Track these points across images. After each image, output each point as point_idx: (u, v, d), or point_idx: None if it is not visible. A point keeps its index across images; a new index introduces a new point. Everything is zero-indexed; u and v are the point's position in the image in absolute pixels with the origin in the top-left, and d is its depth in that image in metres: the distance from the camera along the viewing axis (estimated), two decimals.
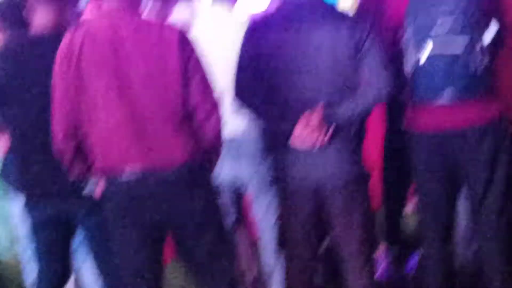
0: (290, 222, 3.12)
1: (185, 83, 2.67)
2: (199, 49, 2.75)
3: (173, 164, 2.69)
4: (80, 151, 2.74)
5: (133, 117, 2.65)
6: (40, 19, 3.00)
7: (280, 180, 3.12)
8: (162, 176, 2.68)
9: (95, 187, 2.83)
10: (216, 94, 2.75)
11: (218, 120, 2.75)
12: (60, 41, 2.71)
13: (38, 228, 3.14)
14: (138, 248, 2.77)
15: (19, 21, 3.14)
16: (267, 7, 3.71)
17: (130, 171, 2.68)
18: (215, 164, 2.89)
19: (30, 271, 3.64)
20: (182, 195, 2.72)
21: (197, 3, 3.51)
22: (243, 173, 3.41)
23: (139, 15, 2.78)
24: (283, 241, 3.25)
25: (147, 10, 2.99)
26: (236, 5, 3.49)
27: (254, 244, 3.77)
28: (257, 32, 3.04)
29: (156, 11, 3.54)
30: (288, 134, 2.97)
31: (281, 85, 3.00)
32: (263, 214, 3.54)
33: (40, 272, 3.25)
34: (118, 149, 2.67)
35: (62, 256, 3.22)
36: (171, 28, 2.72)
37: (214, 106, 2.73)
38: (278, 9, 3.13)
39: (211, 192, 2.88)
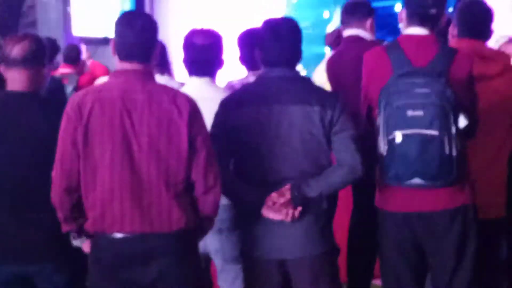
0: None
1: (191, 157, 2.71)
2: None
3: (168, 230, 2.71)
4: (76, 207, 2.74)
5: (133, 181, 2.68)
6: (17, 78, 3.00)
7: (247, 251, 3.11)
8: (154, 241, 2.71)
9: (84, 242, 2.84)
10: (217, 170, 2.79)
11: (217, 196, 2.79)
12: (35, 98, 2.82)
13: None
14: None
15: None
16: (243, 81, 3.76)
17: (123, 232, 2.70)
18: (205, 234, 2.94)
19: None
20: (172, 261, 2.74)
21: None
22: (210, 245, 3.38)
23: (153, 80, 2.81)
24: None
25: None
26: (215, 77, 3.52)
27: None
28: (231, 105, 3.07)
29: None
30: (257, 208, 2.98)
31: (252, 161, 3.03)
32: (230, 285, 3.48)
33: None
34: (115, 210, 2.69)
35: None
36: (184, 98, 2.76)
37: (215, 182, 2.77)
38: (254, 84, 3.18)
39: (198, 262, 2.92)
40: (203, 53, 3.40)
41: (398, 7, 10.86)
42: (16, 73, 2.99)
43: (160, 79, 3.01)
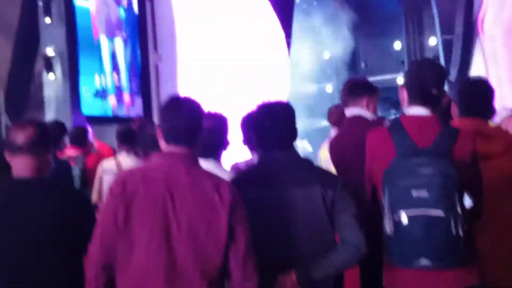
0: None
1: (229, 245, 2.71)
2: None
3: None
4: (110, 284, 2.72)
5: (169, 264, 2.67)
6: (21, 165, 3.02)
7: None
8: None
9: None
10: (255, 260, 2.78)
11: (255, 285, 2.76)
12: (40, 185, 2.82)
13: None
14: None
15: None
16: (248, 162, 3.78)
17: None
18: None
19: None
20: None
21: None
22: None
23: (197, 164, 2.84)
24: None
25: None
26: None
27: None
28: (239, 185, 3.04)
29: None
30: None
31: (257, 243, 2.97)
32: None
33: None
34: None
35: None
36: (228, 186, 2.78)
37: (252, 273, 2.76)
38: (257, 165, 3.21)
39: None
40: (208, 135, 3.44)
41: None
42: (21, 160, 3.01)
43: (204, 164, 3.09)
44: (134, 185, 2.71)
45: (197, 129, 2.85)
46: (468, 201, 3.03)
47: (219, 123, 3.52)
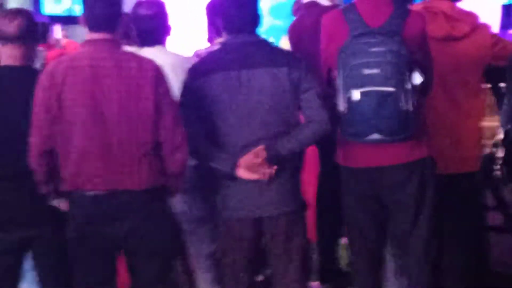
0: (231, 250, 3.23)
1: (157, 118, 2.88)
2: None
3: (137, 188, 2.89)
4: (52, 170, 2.91)
5: (104, 142, 2.86)
6: (12, 54, 3.11)
7: (222, 211, 3.23)
8: (125, 198, 2.88)
9: (61, 202, 2.99)
10: (183, 131, 2.94)
11: (183, 156, 2.96)
12: (28, 73, 2.97)
13: None
14: (94, 263, 2.95)
15: None
16: (209, 49, 3.85)
17: (95, 190, 2.87)
18: (174, 194, 3.10)
19: None
20: (141, 217, 2.91)
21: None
22: (176, 206, 3.47)
23: (120, 48, 2.98)
24: (223, 271, 3.33)
25: None
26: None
27: (190, 276, 3.85)
28: (199, 72, 3.17)
29: None
30: (231, 170, 3.10)
31: (224, 125, 3.14)
32: (198, 247, 3.64)
33: None
34: (88, 170, 2.87)
35: (11, 284, 3.24)
36: (149, 63, 2.93)
37: (181, 143, 2.94)
38: (221, 50, 3.28)
39: (167, 219, 3.09)
40: (149, 22, 3.55)
41: None
42: (11, 49, 3.09)
43: (150, 51, 3.23)
44: (62, 74, 2.85)
45: (116, 14, 2.97)
46: (418, 79, 3.15)
47: (158, 9, 3.60)
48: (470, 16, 3.66)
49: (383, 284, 3.64)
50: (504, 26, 7.37)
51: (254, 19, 3.22)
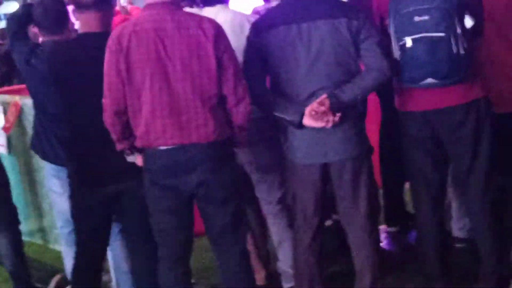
0: (300, 196, 3.39)
1: (220, 73, 3.05)
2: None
3: (205, 141, 3.07)
4: (127, 128, 3.12)
5: (171, 100, 3.03)
6: (89, 21, 3.31)
7: (291, 157, 3.38)
8: (193, 151, 3.07)
9: (137, 157, 3.20)
10: (245, 84, 3.11)
11: (247, 108, 3.13)
12: (106, 38, 3.09)
13: (84, 213, 3.44)
14: (171, 212, 3.17)
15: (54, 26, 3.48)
16: (268, 4, 3.96)
17: (166, 145, 3.07)
18: (242, 143, 3.27)
19: (68, 254, 3.92)
20: (210, 169, 3.10)
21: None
22: (243, 157, 3.64)
23: (180, 9, 3.14)
24: (293, 216, 3.50)
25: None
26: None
27: (262, 222, 4.06)
28: (262, 28, 3.30)
29: None
30: (297, 119, 3.22)
31: (287, 77, 3.27)
32: (268, 194, 3.79)
33: (81, 254, 3.52)
34: (157, 127, 3.05)
35: (103, 238, 3.52)
36: (209, 21, 3.09)
37: (244, 95, 3.11)
38: (280, 5, 3.41)
39: (235, 169, 3.28)
40: None
41: None
42: (89, 16, 3.29)
43: (212, 10, 3.36)
44: (128, 39, 3.02)
45: None
46: (469, 22, 3.24)
47: None
48: None
49: (445, 224, 3.76)
50: None
51: None
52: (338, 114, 3.20)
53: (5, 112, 4.75)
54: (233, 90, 3.09)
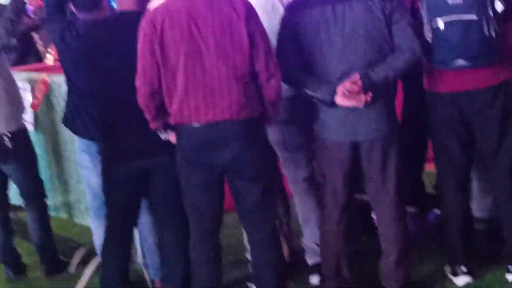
0: (330, 173, 3.45)
1: (251, 50, 3.10)
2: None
3: (237, 119, 3.12)
4: (161, 108, 3.18)
5: (205, 78, 3.09)
6: (125, 1, 3.40)
7: (322, 136, 3.44)
8: (226, 128, 3.13)
9: (170, 135, 3.27)
10: (275, 60, 3.17)
11: (278, 83, 3.19)
12: (140, 16, 3.15)
13: (114, 188, 3.52)
14: (202, 187, 3.24)
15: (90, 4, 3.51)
16: None
17: (199, 122, 3.13)
18: (273, 120, 3.32)
19: (97, 227, 3.98)
20: (242, 145, 3.16)
21: None
22: (272, 136, 3.62)
23: None
24: (322, 193, 3.56)
25: None
26: None
27: (286, 199, 4.13)
28: (297, 8, 3.36)
29: None
30: (329, 98, 3.27)
31: (320, 58, 3.32)
32: (295, 172, 3.83)
33: (110, 228, 3.60)
34: (190, 106, 3.11)
35: (132, 213, 3.60)
36: (240, 1, 3.13)
37: (275, 71, 3.16)
38: None
39: (267, 146, 3.34)
40: None
41: None
42: None
43: None
44: (161, 21, 3.07)
45: None
46: (499, 6, 3.29)
47: None
48: None
49: (469, 204, 3.81)
50: None
51: None
52: (370, 94, 3.24)
53: (32, 90, 4.81)
54: (264, 66, 3.14)
